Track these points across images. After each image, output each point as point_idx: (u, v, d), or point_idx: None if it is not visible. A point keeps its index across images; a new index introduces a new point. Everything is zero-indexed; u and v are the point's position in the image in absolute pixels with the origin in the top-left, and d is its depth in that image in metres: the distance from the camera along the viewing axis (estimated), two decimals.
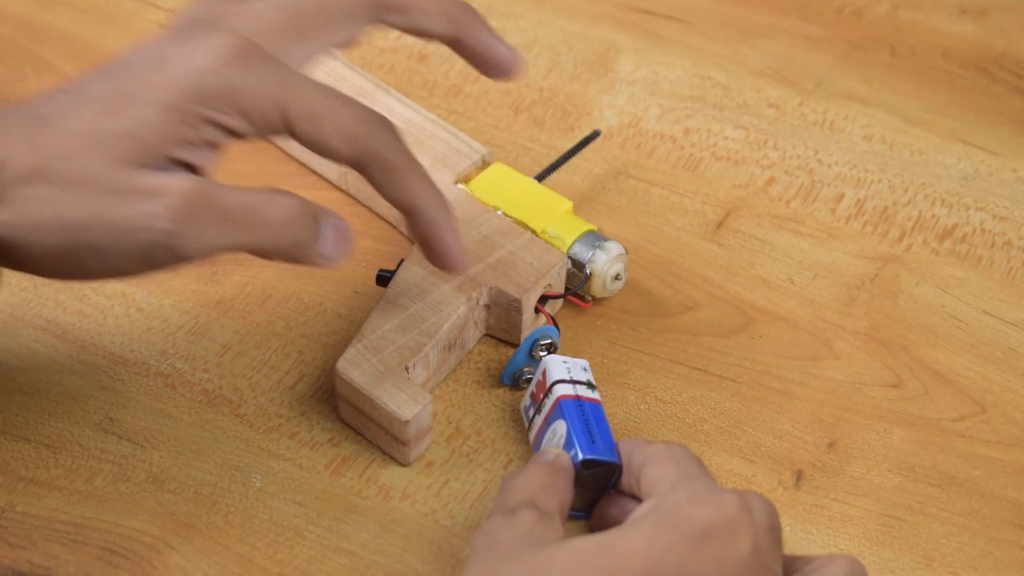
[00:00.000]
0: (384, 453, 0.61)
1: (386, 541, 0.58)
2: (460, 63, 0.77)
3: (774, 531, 0.50)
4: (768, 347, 0.65)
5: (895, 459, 0.61)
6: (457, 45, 0.61)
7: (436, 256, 0.58)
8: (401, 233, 0.69)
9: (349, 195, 0.71)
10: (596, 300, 0.66)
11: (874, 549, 0.58)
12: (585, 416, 0.58)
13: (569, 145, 0.71)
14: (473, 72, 0.77)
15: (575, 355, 0.64)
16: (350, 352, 0.60)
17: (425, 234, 0.58)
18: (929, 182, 0.72)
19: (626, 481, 0.56)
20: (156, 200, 0.52)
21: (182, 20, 0.58)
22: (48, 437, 0.62)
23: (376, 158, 0.55)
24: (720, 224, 0.70)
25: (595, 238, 0.64)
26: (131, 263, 0.53)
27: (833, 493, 0.60)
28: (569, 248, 0.64)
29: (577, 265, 0.64)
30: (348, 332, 0.66)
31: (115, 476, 0.60)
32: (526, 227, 0.65)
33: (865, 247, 0.69)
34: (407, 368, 0.60)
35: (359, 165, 0.56)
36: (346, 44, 0.59)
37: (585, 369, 0.60)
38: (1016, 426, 0.62)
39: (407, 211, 0.57)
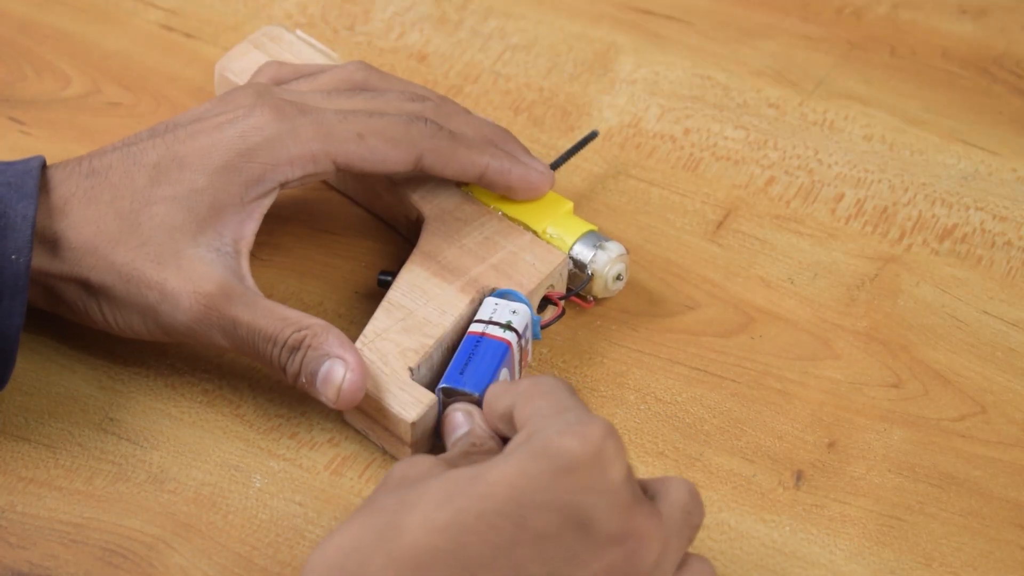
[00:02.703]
0: (386, 453, 0.61)
1: None
2: (460, 64, 0.78)
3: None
4: (768, 347, 0.65)
5: (895, 459, 0.61)
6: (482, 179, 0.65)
7: (524, 192, 0.65)
8: (400, 234, 0.69)
9: (347, 196, 0.71)
10: (598, 300, 0.66)
11: (874, 549, 0.58)
12: (472, 350, 0.59)
13: (569, 145, 0.71)
14: (473, 72, 0.77)
15: (578, 355, 0.64)
16: None
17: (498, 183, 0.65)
18: (929, 182, 0.72)
19: (495, 425, 0.56)
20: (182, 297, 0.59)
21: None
22: (48, 437, 0.61)
23: (430, 149, 0.62)
24: (720, 224, 0.70)
25: (596, 238, 0.64)
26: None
27: (833, 493, 0.60)
28: (570, 248, 0.64)
29: (579, 266, 0.64)
30: (348, 332, 0.65)
31: (115, 476, 0.60)
32: (527, 228, 0.65)
33: (865, 247, 0.69)
34: (411, 370, 0.60)
35: (416, 166, 0.63)
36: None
37: (515, 312, 0.60)
38: (1016, 426, 0.62)
39: (474, 178, 0.64)
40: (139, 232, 0.59)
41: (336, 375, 0.57)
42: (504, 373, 0.60)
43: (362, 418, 0.60)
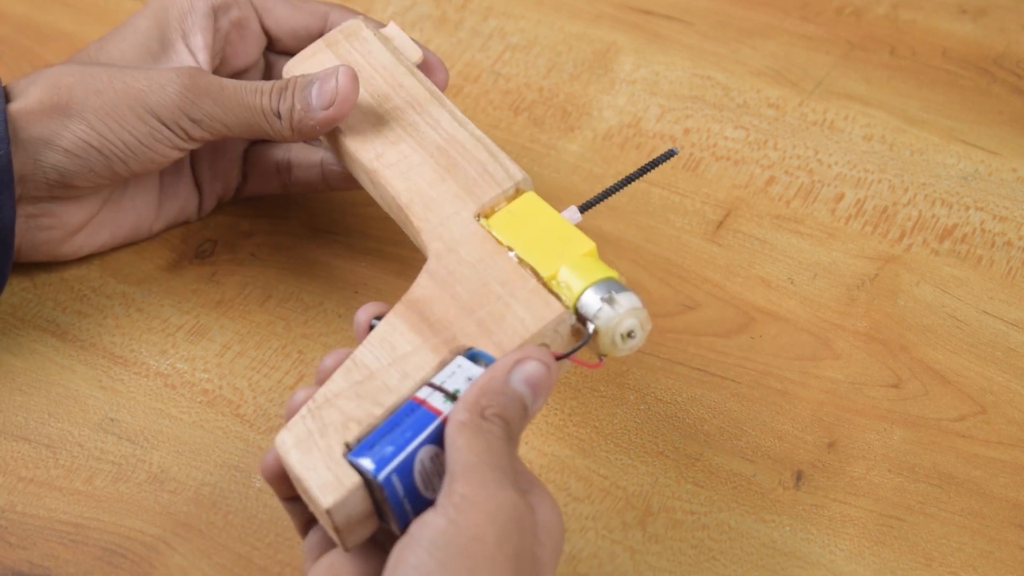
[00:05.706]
0: None
1: None
2: (460, 63, 0.78)
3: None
4: (768, 347, 0.65)
5: (895, 459, 0.61)
6: None
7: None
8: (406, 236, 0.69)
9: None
10: (610, 358, 0.58)
11: (874, 549, 0.58)
12: (401, 420, 0.52)
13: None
14: (473, 72, 0.77)
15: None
16: (296, 419, 0.53)
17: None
18: (929, 182, 0.72)
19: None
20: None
21: None
22: (48, 437, 0.62)
23: None
24: (720, 224, 0.70)
25: (608, 288, 0.54)
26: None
27: (833, 493, 0.60)
28: (577, 299, 0.55)
29: (581, 320, 0.55)
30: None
31: (115, 476, 0.60)
32: (535, 273, 0.56)
33: (865, 247, 0.69)
34: (347, 444, 0.52)
35: None
36: None
37: (470, 379, 0.52)
38: (1016, 426, 0.62)
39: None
40: (108, 64, 0.64)
41: (329, 78, 0.61)
42: (427, 450, 0.51)
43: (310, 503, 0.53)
